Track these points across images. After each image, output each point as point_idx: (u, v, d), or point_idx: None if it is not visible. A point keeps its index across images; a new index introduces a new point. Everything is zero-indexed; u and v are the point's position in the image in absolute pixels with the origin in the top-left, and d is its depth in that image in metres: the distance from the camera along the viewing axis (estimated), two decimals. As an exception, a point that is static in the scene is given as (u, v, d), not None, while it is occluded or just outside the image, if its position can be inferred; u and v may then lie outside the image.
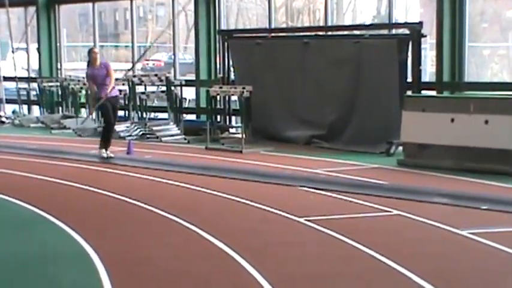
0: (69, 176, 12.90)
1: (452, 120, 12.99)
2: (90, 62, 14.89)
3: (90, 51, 15.09)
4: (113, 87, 14.80)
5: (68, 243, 8.52)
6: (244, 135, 16.26)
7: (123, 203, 10.72)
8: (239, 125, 17.71)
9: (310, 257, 7.92)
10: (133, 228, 9.33)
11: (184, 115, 19.69)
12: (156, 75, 19.38)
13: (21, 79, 24.06)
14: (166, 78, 18.90)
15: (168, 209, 10.01)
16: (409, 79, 15.43)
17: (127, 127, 18.30)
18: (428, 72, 17.74)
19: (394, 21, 17.56)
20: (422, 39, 15.39)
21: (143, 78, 19.13)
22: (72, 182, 12.34)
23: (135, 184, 12.38)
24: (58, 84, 22.10)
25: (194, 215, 9.75)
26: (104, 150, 14.72)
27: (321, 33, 18.12)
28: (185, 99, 20.76)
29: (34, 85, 23.33)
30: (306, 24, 25.24)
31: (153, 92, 19.45)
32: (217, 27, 19.96)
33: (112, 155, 14.76)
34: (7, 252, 8.31)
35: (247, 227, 9.28)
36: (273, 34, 18.85)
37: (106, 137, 14.84)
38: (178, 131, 18.20)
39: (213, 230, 8.79)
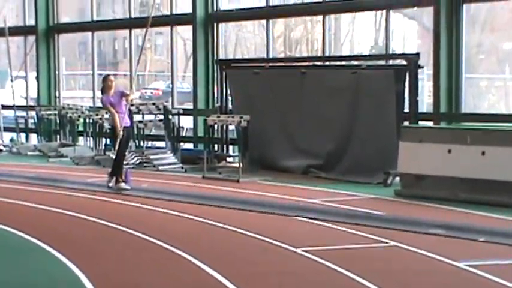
0: (65, 204, 12.88)
1: (450, 151, 13.00)
2: (104, 89, 14.68)
3: (106, 79, 14.80)
4: (124, 118, 14.72)
5: (62, 271, 8.49)
6: (241, 165, 16.25)
7: (118, 232, 10.70)
8: (236, 154, 17.71)
9: (305, 286, 7.88)
10: (128, 256, 9.30)
11: (182, 144, 19.68)
12: (153, 103, 19.40)
13: (19, 107, 24.10)
14: (164, 107, 18.91)
15: (164, 238, 9.98)
16: (406, 109, 15.44)
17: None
18: (426, 103, 17.78)
19: (391, 52, 17.63)
20: (420, 70, 15.44)
21: (141, 107, 19.15)
22: (68, 210, 12.31)
23: (131, 213, 12.36)
24: (56, 112, 22.11)
25: (189, 243, 9.73)
26: (119, 182, 14.58)
27: (318, 63, 18.19)
28: (183, 128, 20.76)
29: (32, 113, 23.35)
30: (304, 54, 25.33)
31: (151, 121, 19.46)
32: (215, 57, 20.04)
33: (111, 185, 14.72)
34: (1, 280, 8.27)
35: (243, 257, 9.25)
36: (270, 64, 18.91)
37: (119, 166, 14.74)
38: (176, 160, 18.19)
39: (208, 259, 8.77)
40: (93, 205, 13.10)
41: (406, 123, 15.01)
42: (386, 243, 9.76)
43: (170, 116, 18.89)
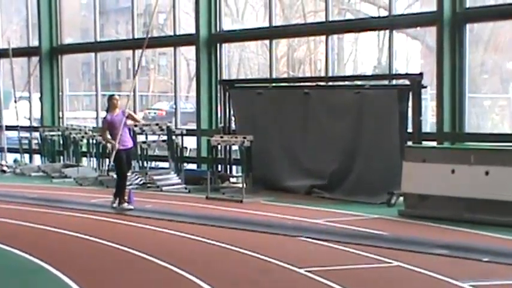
0: (69, 225, 12.87)
1: (453, 171, 12.98)
2: (109, 109, 14.83)
3: (111, 98, 14.98)
4: (126, 140, 14.80)
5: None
6: (244, 185, 16.24)
7: (122, 253, 10.68)
8: (240, 174, 17.71)
9: (309, 308, 7.86)
10: (132, 277, 9.28)
11: (185, 164, 19.69)
12: (157, 124, 19.42)
13: (23, 128, 24.14)
14: (167, 127, 18.92)
15: (168, 259, 9.97)
16: (410, 129, 15.45)
17: (128, 176, 18.25)
18: (429, 123, 17.79)
19: (394, 72, 17.67)
20: (423, 90, 15.44)
21: (144, 128, 19.16)
22: (71, 231, 12.30)
23: (135, 233, 12.34)
24: (60, 133, 22.15)
25: (194, 264, 9.71)
26: (122, 202, 14.65)
27: (322, 83, 18.21)
28: (186, 148, 20.78)
29: (36, 134, 23.39)
30: (307, 74, 25.42)
31: (154, 141, 19.47)
32: (218, 77, 20.08)
33: (114, 205, 14.73)
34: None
35: (247, 278, 9.23)
36: (274, 84, 18.94)
37: (122, 187, 14.80)
38: (179, 180, 18.18)
39: (213, 280, 8.75)
40: (96, 226, 13.08)
41: (410, 143, 15.00)
42: (390, 263, 9.73)
43: (173, 137, 18.91)
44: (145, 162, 19.06)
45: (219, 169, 18.57)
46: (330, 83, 18.14)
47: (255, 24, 24.52)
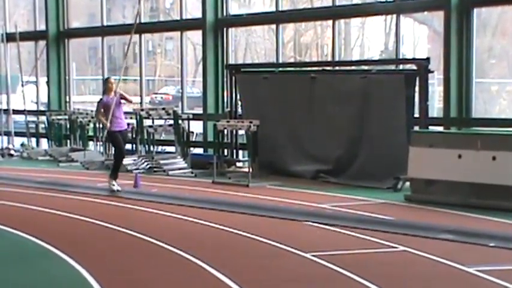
0: (76, 209, 12.90)
1: (460, 156, 12.95)
2: (106, 91, 15.12)
3: (106, 81, 15.36)
4: (121, 121, 14.93)
5: (72, 276, 8.49)
6: (251, 169, 16.24)
7: (128, 236, 10.71)
8: (246, 159, 17.71)
9: (315, 292, 7.87)
10: (138, 261, 9.29)
11: (192, 149, 19.70)
12: (163, 108, 19.42)
13: (30, 112, 24.17)
14: (174, 112, 18.93)
15: (174, 243, 9.98)
16: (417, 114, 15.41)
17: (134, 160, 18.31)
18: (436, 108, 17.73)
19: (401, 57, 17.62)
20: (430, 75, 15.40)
21: (151, 112, 19.18)
22: (78, 215, 12.34)
23: (141, 217, 12.37)
24: (66, 117, 22.18)
25: (200, 249, 9.72)
26: (114, 182, 14.78)
27: (328, 68, 18.18)
28: (192, 133, 20.78)
29: (43, 118, 23.43)
30: (314, 59, 25.35)
31: (161, 126, 19.49)
32: (225, 62, 20.05)
33: (119, 189, 14.78)
34: (11, 285, 8.28)
35: (254, 262, 9.24)
36: (280, 69, 18.91)
37: (117, 166, 14.90)
38: (185, 165, 18.20)
39: (219, 265, 8.76)
40: (102, 209, 13.10)
41: (416, 128, 14.97)
42: (396, 248, 9.73)
43: (180, 121, 18.92)
44: (151, 147, 19.07)
45: (225, 154, 18.57)
46: (337, 68, 18.11)
47: (262, 9, 24.42)
